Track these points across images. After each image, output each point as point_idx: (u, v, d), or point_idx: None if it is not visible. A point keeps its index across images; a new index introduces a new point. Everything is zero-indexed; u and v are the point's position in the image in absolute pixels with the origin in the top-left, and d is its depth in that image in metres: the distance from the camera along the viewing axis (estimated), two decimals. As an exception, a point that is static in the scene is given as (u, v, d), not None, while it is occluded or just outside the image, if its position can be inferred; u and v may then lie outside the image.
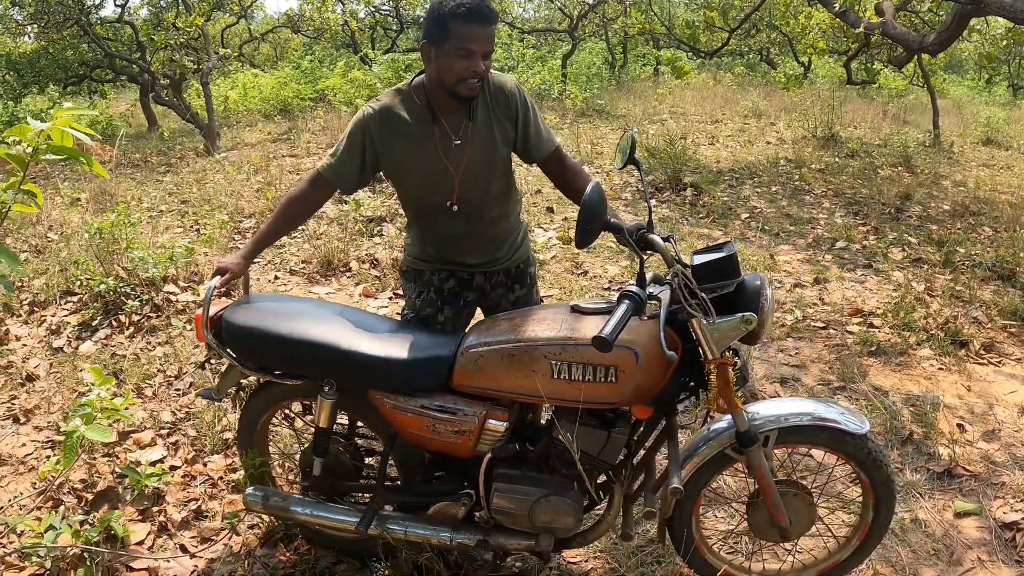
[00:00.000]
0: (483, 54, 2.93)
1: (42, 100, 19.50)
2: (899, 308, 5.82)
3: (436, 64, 2.99)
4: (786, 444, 2.94)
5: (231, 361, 3.12)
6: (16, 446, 4.46)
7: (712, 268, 2.64)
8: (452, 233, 3.28)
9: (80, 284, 6.34)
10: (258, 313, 3.10)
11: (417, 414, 2.91)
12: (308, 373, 3.07)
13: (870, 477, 2.93)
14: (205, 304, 3.09)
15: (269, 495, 3.27)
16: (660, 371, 2.70)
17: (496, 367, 2.79)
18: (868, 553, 3.13)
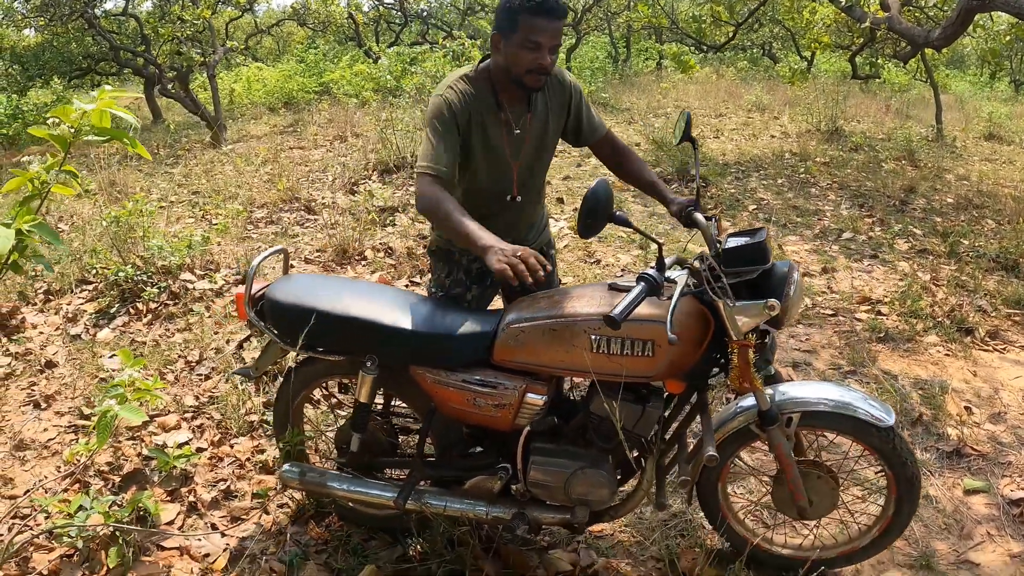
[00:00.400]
0: (550, 48, 2.97)
1: (46, 93, 19.51)
2: (906, 296, 5.91)
3: (504, 55, 3.02)
4: (810, 427, 3.02)
5: (273, 338, 3.19)
6: (38, 431, 4.52)
7: (742, 253, 2.74)
8: (495, 217, 3.29)
9: (95, 273, 6.41)
10: (300, 290, 3.16)
11: (458, 388, 2.98)
12: (351, 349, 3.14)
13: (894, 473, 2.99)
14: (248, 282, 3.18)
15: (305, 471, 3.34)
16: (693, 345, 2.80)
17: (537, 342, 2.86)
18: (886, 545, 3.19)
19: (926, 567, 3.35)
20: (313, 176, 9.95)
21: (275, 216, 8.29)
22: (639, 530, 3.59)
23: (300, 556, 3.40)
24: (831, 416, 2.95)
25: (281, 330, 3.17)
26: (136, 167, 11.29)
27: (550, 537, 3.56)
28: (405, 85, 15.76)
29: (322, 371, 3.37)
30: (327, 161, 10.84)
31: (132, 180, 9.82)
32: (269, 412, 4.46)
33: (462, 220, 2.83)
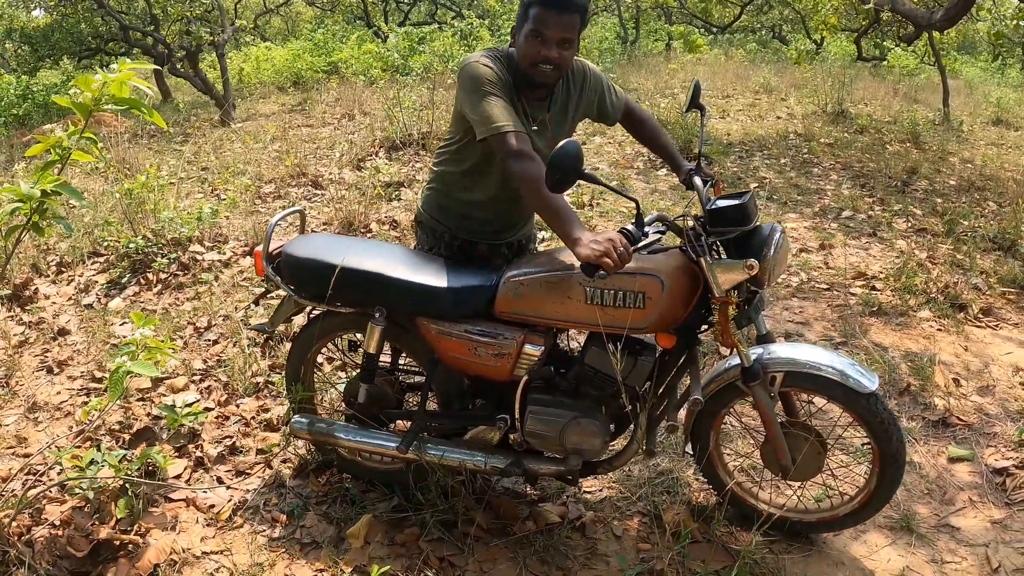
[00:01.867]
0: (558, 40, 2.95)
1: (55, 74, 19.62)
2: (901, 273, 5.98)
3: (518, 46, 3.04)
4: (795, 388, 3.13)
5: (289, 292, 3.37)
6: (51, 394, 4.65)
7: (725, 213, 2.88)
8: (491, 202, 3.37)
9: (107, 245, 6.54)
10: (316, 247, 3.34)
11: (460, 338, 3.13)
12: (362, 301, 3.28)
13: (880, 447, 3.06)
14: (266, 240, 3.36)
15: (314, 422, 3.52)
16: (683, 300, 2.93)
17: (535, 294, 3.01)
18: (866, 517, 3.28)
19: (906, 529, 3.46)
20: (320, 153, 10.03)
21: (283, 191, 8.38)
22: (626, 487, 3.72)
23: (301, 507, 3.55)
24: (815, 378, 3.03)
25: (297, 285, 3.35)
26: (146, 145, 11.40)
27: (540, 491, 3.71)
28: (413, 64, 15.85)
29: (334, 326, 3.51)
30: (334, 138, 10.91)
31: (142, 157, 9.91)
32: (274, 374, 4.61)
33: (555, 200, 2.81)
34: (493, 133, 2.92)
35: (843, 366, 3.03)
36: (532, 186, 2.83)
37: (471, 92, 3.01)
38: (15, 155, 11.79)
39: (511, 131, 2.90)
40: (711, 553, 3.25)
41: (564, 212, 2.80)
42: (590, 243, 2.65)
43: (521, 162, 2.87)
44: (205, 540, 3.40)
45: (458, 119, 3.22)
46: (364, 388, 3.42)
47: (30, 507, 3.46)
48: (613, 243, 2.64)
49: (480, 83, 2.99)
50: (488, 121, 2.94)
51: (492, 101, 2.96)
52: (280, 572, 3.18)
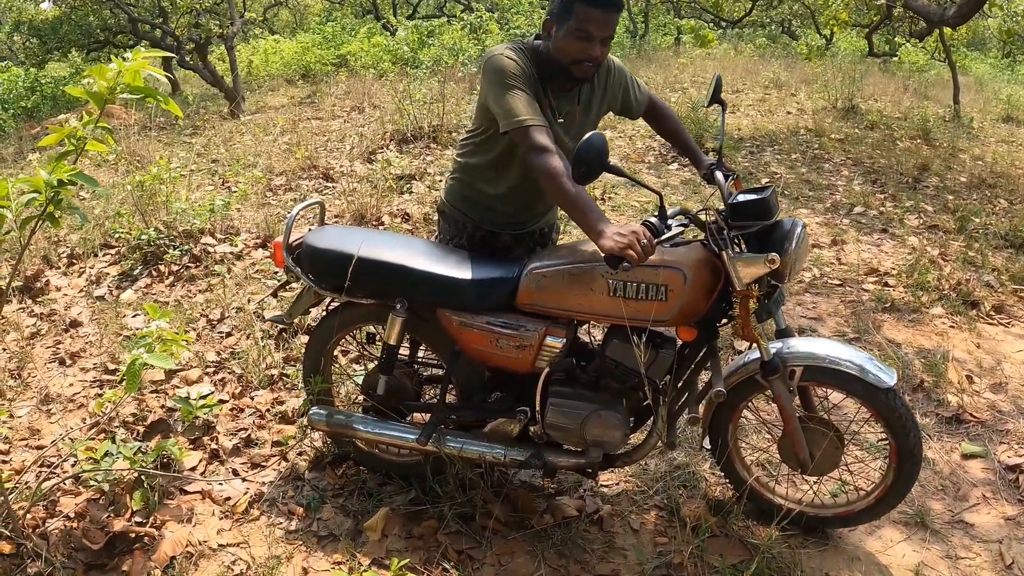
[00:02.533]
0: (602, 39, 2.96)
1: (63, 67, 19.63)
2: (913, 269, 5.98)
3: (555, 42, 3.01)
4: (815, 382, 3.13)
5: (309, 283, 3.37)
6: (64, 386, 4.66)
7: (747, 207, 2.88)
8: (514, 193, 3.37)
9: (118, 237, 6.54)
10: (336, 238, 3.34)
11: (482, 330, 3.14)
12: (383, 292, 3.30)
13: (897, 442, 3.07)
14: (286, 231, 3.38)
15: (332, 413, 3.52)
16: (704, 293, 2.94)
17: (558, 286, 3.02)
18: (882, 513, 3.28)
19: (920, 524, 3.45)
20: (331, 145, 10.04)
21: (294, 183, 8.39)
22: (643, 481, 3.73)
23: (318, 499, 3.55)
24: (834, 372, 3.04)
25: (317, 276, 3.35)
26: (156, 137, 11.41)
27: (557, 484, 3.71)
28: (423, 57, 15.84)
29: (353, 318, 3.52)
30: (344, 131, 10.92)
31: (152, 149, 9.92)
32: (289, 367, 4.61)
33: (577, 194, 2.81)
34: (516, 127, 2.93)
35: (862, 361, 3.04)
36: (554, 181, 2.83)
37: (495, 84, 3.01)
38: (24, 147, 11.84)
39: (533, 125, 2.90)
40: (728, 547, 3.26)
41: (587, 205, 2.80)
42: (614, 235, 2.66)
43: (542, 157, 2.87)
44: (221, 532, 3.40)
45: (482, 111, 3.22)
46: (383, 380, 3.43)
47: (44, 499, 3.47)
48: (637, 235, 2.65)
49: (504, 76, 2.99)
50: (511, 115, 2.94)
51: (516, 95, 2.96)
52: (297, 565, 3.19)
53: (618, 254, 2.63)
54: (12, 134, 13.55)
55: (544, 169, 2.86)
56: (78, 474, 3.61)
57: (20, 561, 3.14)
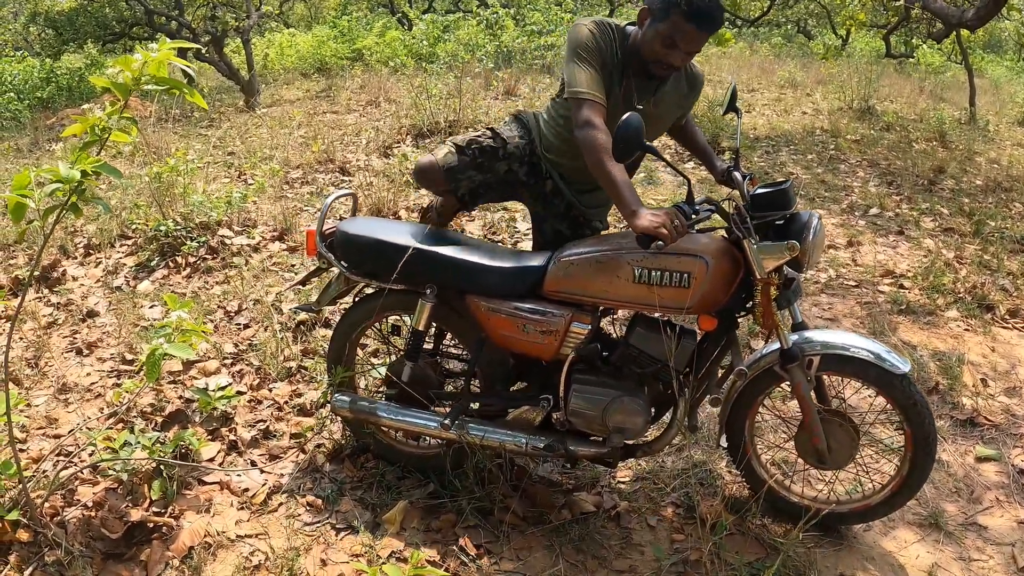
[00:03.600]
0: (687, 52, 3.05)
1: (79, 58, 19.66)
2: (929, 272, 5.97)
3: (644, 34, 3.09)
4: (832, 372, 3.18)
5: (341, 270, 3.46)
6: (81, 375, 4.69)
7: (767, 199, 2.96)
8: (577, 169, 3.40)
9: (135, 228, 6.57)
10: (369, 227, 3.46)
11: (509, 315, 3.22)
12: (414, 278, 3.35)
13: (912, 429, 3.10)
14: (320, 219, 3.46)
15: (356, 400, 3.57)
16: (725, 282, 3.01)
17: (585, 273, 3.09)
18: (899, 505, 3.29)
19: (934, 526, 3.47)
20: (347, 140, 10.05)
21: (310, 177, 8.41)
22: (660, 478, 3.75)
23: (336, 491, 3.58)
24: (851, 360, 3.09)
25: (350, 263, 3.43)
26: (172, 129, 11.44)
27: (575, 480, 3.74)
28: (439, 52, 15.85)
29: (381, 307, 3.56)
30: (360, 125, 10.94)
31: (168, 141, 9.95)
32: (307, 359, 4.63)
33: (616, 172, 2.89)
34: (572, 96, 3.08)
35: (877, 349, 3.10)
36: (595, 156, 2.94)
37: (569, 52, 3.14)
38: (39, 137, 11.86)
39: (587, 99, 3.03)
40: (745, 545, 3.28)
41: (624, 185, 2.88)
42: (648, 215, 2.75)
43: (587, 131, 2.98)
44: (240, 523, 3.42)
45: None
46: (409, 366, 3.49)
47: (62, 488, 3.49)
48: (669, 216, 2.74)
49: (578, 46, 3.10)
50: (571, 84, 3.08)
51: (583, 68, 3.07)
52: (316, 556, 3.21)
53: (651, 233, 2.72)
54: (28, 124, 13.57)
55: (587, 143, 2.97)
56: (96, 463, 3.63)
57: (38, 549, 3.16)
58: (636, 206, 2.81)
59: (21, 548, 3.17)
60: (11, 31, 24.70)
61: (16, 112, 14.52)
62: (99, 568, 3.13)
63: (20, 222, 2.86)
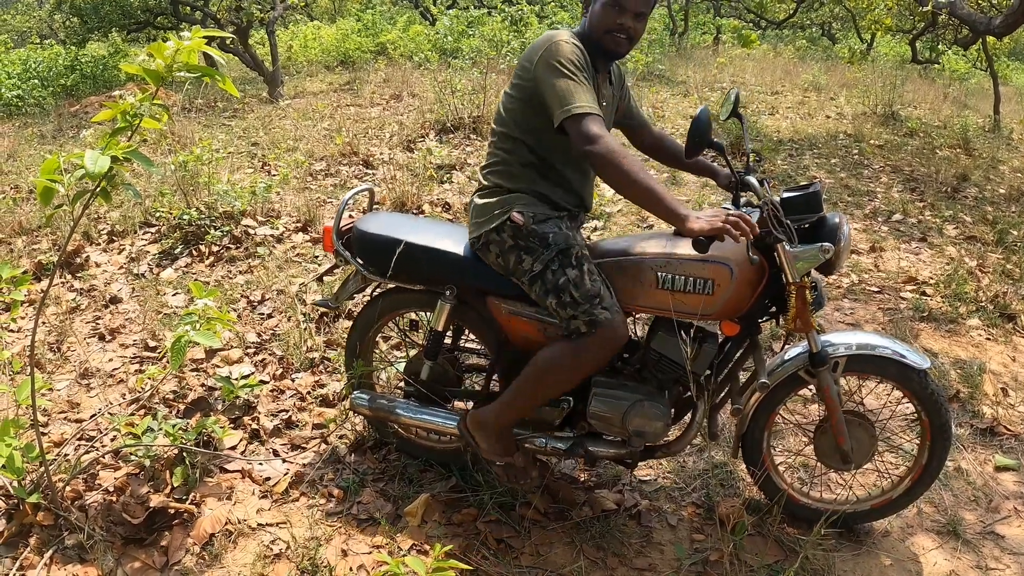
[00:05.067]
0: (635, 13, 2.93)
1: (103, 46, 19.74)
2: (951, 280, 5.95)
3: (591, 16, 3.01)
4: (854, 372, 3.19)
5: (358, 268, 3.42)
6: (103, 361, 4.72)
7: (798, 202, 2.95)
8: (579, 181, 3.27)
9: (158, 216, 6.62)
10: (388, 224, 3.40)
11: (531, 319, 3.19)
12: (434, 279, 3.34)
13: (930, 419, 3.15)
14: (337, 216, 3.42)
15: (375, 398, 3.56)
16: (749, 289, 2.98)
17: (607, 279, 3.06)
18: (918, 495, 3.33)
19: (953, 534, 3.46)
20: (371, 133, 10.09)
21: (334, 169, 8.44)
22: (681, 477, 3.76)
23: (358, 483, 3.59)
24: (875, 360, 3.11)
25: (367, 261, 3.39)
26: (195, 118, 11.50)
27: (597, 477, 3.75)
28: (464, 47, 15.86)
29: (399, 304, 3.56)
30: (384, 119, 10.97)
31: (191, 131, 10.00)
32: (330, 350, 4.66)
33: (653, 182, 2.73)
34: (573, 113, 2.83)
35: (897, 346, 3.13)
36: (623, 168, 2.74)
37: (554, 67, 2.90)
38: (63, 124, 11.93)
39: (592, 114, 2.82)
40: (765, 547, 3.28)
41: (665, 192, 2.74)
42: (702, 218, 2.65)
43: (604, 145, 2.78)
44: (261, 512, 3.44)
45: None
46: (428, 365, 3.48)
47: (84, 472, 3.53)
48: (719, 216, 2.65)
49: (564, 60, 2.89)
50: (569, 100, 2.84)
51: (574, 79, 2.86)
52: (336, 547, 3.22)
53: (712, 234, 2.62)
54: (51, 111, 13.67)
55: (613, 158, 2.76)
56: (118, 448, 3.66)
57: (58, 533, 3.20)
58: (685, 211, 2.68)
59: (41, 531, 3.20)
60: (36, 19, 24.89)
61: (40, 99, 14.62)
62: (119, 552, 3.16)
63: (49, 206, 2.88)
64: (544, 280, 3.01)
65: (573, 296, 2.94)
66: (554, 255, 3.02)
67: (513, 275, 3.13)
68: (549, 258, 3.02)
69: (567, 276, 2.97)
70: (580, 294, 2.94)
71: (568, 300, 2.95)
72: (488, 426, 3.23)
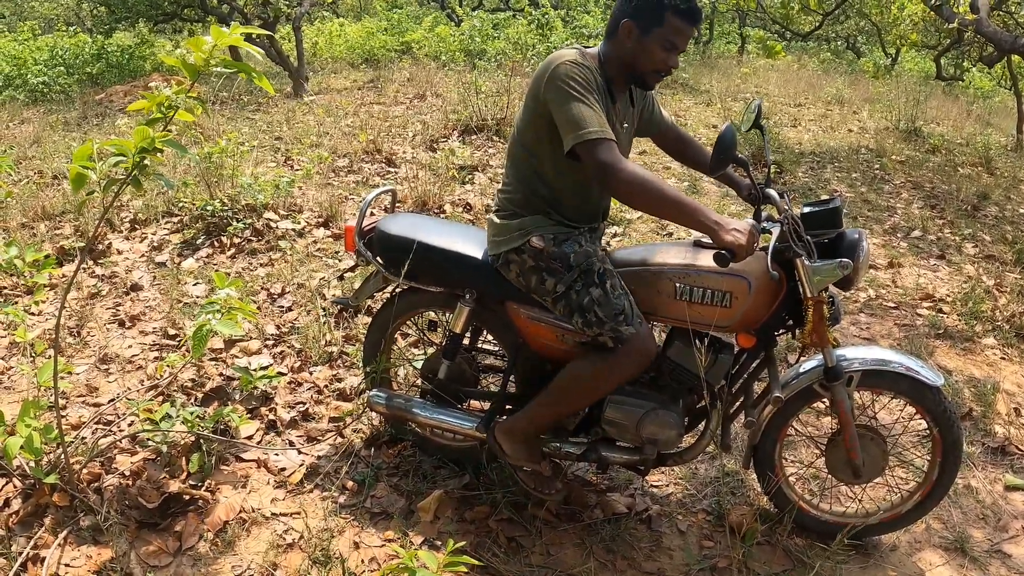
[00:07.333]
0: (681, 51, 2.95)
1: (129, 36, 19.83)
2: (968, 298, 5.94)
3: (634, 47, 2.92)
4: (868, 387, 3.21)
5: (379, 268, 3.45)
6: (123, 347, 4.77)
7: (818, 218, 2.98)
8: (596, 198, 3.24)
9: (180, 206, 6.67)
10: (410, 226, 3.42)
11: (549, 325, 3.22)
12: (454, 282, 3.37)
13: (942, 435, 3.17)
14: (359, 216, 3.45)
15: (392, 396, 3.60)
16: (766, 302, 3.01)
17: (626, 287, 3.07)
18: (927, 510, 3.35)
19: (960, 551, 3.48)
20: (394, 131, 10.11)
21: (356, 166, 8.48)
22: (692, 484, 3.79)
23: (372, 477, 3.64)
24: (888, 375, 3.14)
25: (388, 261, 3.41)
26: (218, 111, 11.56)
27: (609, 481, 3.78)
28: (489, 49, 15.89)
29: (418, 303, 3.59)
30: (407, 118, 11.00)
31: (214, 124, 10.06)
32: (348, 345, 4.69)
33: (680, 195, 2.72)
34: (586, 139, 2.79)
35: (911, 363, 3.15)
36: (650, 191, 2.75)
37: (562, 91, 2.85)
38: (88, 112, 12.01)
39: (606, 139, 2.79)
40: (773, 556, 3.31)
41: (696, 204, 2.74)
42: (732, 231, 2.66)
43: (623, 169, 2.76)
44: (275, 502, 3.49)
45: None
46: (445, 365, 3.50)
47: (101, 456, 3.58)
48: (753, 233, 2.69)
49: (573, 83, 2.84)
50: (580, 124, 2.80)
51: (584, 103, 2.82)
52: (349, 539, 3.26)
53: (732, 248, 2.64)
54: (77, 99, 13.77)
55: (636, 182, 2.75)
56: (136, 434, 3.71)
57: (73, 514, 3.25)
58: (717, 220, 2.69)
59: (57, 511, 3.25)
60: (63, 6, 25.02)
61: (66, 86, 14.71)
62: (133, 536, 3.20)
63: (80, 192, 2.92)
64: (568, 300, 3.04)
65: (598, 315, 2.98)
66: (577, 276, 3.04)
67: (535, 294, 3.16)
68: (572, 279, 3.04)
69: (591, 296, 2.99)
70: (604, 312, 2.97)
71: (594, 319, 2.99)
72: (516, 434, 3.27)
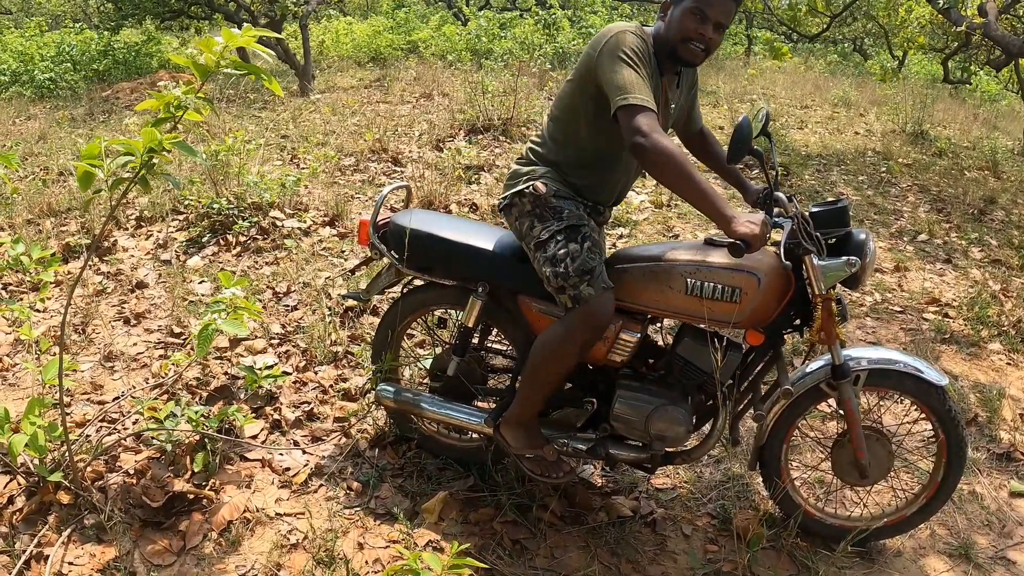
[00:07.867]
0: (716, 23, 2.91)
1: (136, 33, 19.85)
2: (974, 303, 5.93)
3: (669, 21, 2.98)
4: (874, 386, 3.22)
5: (393, 262, 3.47)
6: (128, 345, 4.77)
7: (826, 217, 3.02)
8: (608, 175, 3.25)
9: (186, 204, 6.68)
10: (424, 221, 3.45)
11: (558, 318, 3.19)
12: (466, 275, 3.39)
13: (946, 435, 3.19)
14: (375, 210, 3.46)
15: (400, 391, 3.61)
16: (775, 299, 3.03)
17: (637, 283, 3.12)
18: (932, 512, 3.35)
19: (964, 557, 3.47)
20: (400, 131, 10.12)
21: (363, 165, 8.48)
22: (697, 488, 3.78)
23: (376, 477, 3.64)
24: (894, 374, 3.15)
25: (402, 255, 3.43)
26: (225, 109, 11.57)
27: (614, 483, 3.78)
28: (496, 49, 15.88)
29: (427, 301, 3.62)
30: (413, 117, 11.01)
31: (221, 122, 10.06)
32: (354, 344, 4.70)
33: (705, 181, 2.73)
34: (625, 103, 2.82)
35: (916, 363, 3.17)
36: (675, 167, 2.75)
37: (612, 56, 2.91)
38: (94, 108, 12.02)
39: (646, 107, 2.80)
40: (778, 561, 3.31)
41: (715, 193, 2.76)
42: (745, 222, 2.71)
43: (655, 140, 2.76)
44: (279, 502, 3.49)
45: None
46: (455, 361, 3.52)
47: (105, 454, 3.58)
48: (765, 226, 2.73)
49: (624, 49, 2.89)
50: (623, 89, 2.84)
51: (632, 69, 2.87)
52: (353, 539, 3.26)
53: (745, 240, 2.68)
54: (83, 95, 13.79)
55: (664, 155, 2.75)
56: (140, 432, 3.72)
57: (77, 512, 3.25)
58: (732, 212, 2.73)
59: (61, 509, 3.26)
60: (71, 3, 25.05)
61: (72, 83, 14.73)
62: (137, 535, 3.21)
63: (87, 191, 2.92)
64: (546, 248, 3.08)
65: (567, 268, 3.01)
66: (562, 228, 3.09)
67: (523, 240, 3.21)
68: (557, 229, 3.09)
69: (568, 249, 3.04)
70: (574, 268, 3.01)
71: (562, 271, 3.02)
72: (512, 421, 3.29)
